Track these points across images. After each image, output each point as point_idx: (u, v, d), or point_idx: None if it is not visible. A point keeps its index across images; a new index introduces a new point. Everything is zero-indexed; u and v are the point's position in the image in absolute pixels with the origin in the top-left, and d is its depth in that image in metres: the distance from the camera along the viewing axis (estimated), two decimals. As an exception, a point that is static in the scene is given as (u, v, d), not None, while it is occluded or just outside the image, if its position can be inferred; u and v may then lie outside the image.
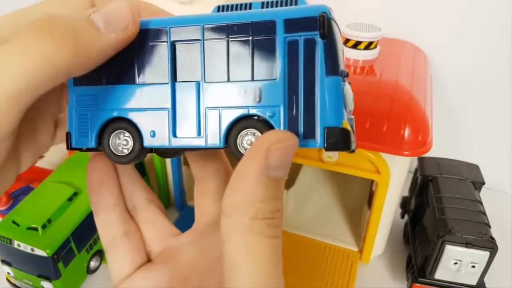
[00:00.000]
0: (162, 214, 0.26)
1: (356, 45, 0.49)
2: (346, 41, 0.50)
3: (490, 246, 0.40)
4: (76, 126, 0.22)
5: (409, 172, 0.51)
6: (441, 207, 0.44)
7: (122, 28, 0.19)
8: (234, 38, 0.19)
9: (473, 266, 0.42)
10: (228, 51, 0.19)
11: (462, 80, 0.60)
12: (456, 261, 0.42)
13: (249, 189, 0.17)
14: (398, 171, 0.45)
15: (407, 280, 0.49)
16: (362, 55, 0.49)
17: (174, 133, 0.20)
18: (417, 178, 0.52)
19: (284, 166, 0.17)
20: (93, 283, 0.50)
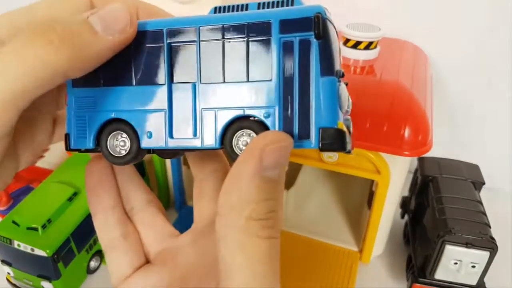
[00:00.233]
0: (161, 215, 0.26)
1: (356, 45, 0.49)
2: (346, 41, 0.50)
3: (490, 246, 0.40)
4: (74, 127, 0.22)
5: (409, 172, 0.51)
6: (441, 207, 0.44)
7: (119, 30, 0.19)
8: (230, 39, 0.19)
9: (473, 266, 0.42)
10: (223, 52, 0.19)
11: (462, 80, 0.60)
12: (456, 261, 0.42)
13: (243, 190, 0.17)
14: (398, 171, 0.45)
15: (407, 280, 0.49)
16: (362, 55, 0.49)
17: (170, 134, 0.20)
18: (417, 178, 0.52)
19: (279, 166, 0.17)
20: (93, 283, 0.50)
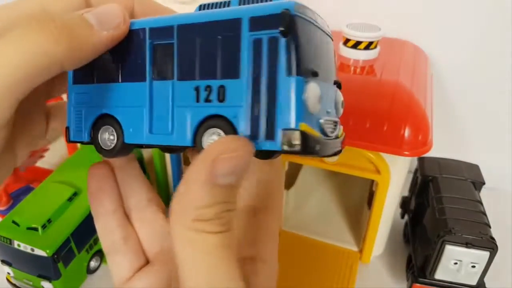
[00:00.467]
0: (162, 214, 0.26)
1: (356, 45, 0.49)
2: (346, 41, 0.50)
3: (490, 246, 0.40)
4: (73, 121, 0.24)
5: (409, 172, 0.51)
6: (441, 207, 0.44)
7: (114, 26, 0.19)
8: (203, 37, 0.19)
9: (473, 266, 0.42)
10: (196, 51, 0.19)
11: (462, 80, 0.60)
12: (456, 261, 0.42)
13: (193, 195, 0.17)
14: (398, 171, 0.45)
15: (407, 280, 0.49)
16: (362, 55, 0.49)
17: (150, 129, 0.21)
18: (417, 178, 0.52)
19: (235, 173, 0.17)
20: (93, 283, 0.50)
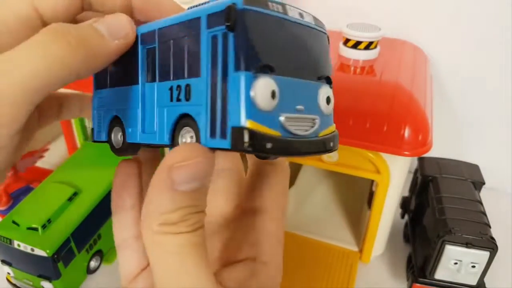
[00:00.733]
0: None
1: (356, 45, 0.49)
2: (346, 41, 0.50)
3: (490, 246, 0.40)
4: (96, 123, 0.26)
5: (409, 172, 0.51)
6: (441, 207, 0.44)
7: (123, 36, 0.20)
8: (174, 38, 0.19)
9: (473, 266, 0.42)
10: (171, 52, 0.20)
11: (462, 80, 0.60)
12: (456, 261, 0.42)
13: (156, 203, 0.17)
14: (398, 171, 0.45)
15: (407, 280, 0.49)
16: (362, 55, 0.49)
17: (143, 129, 0.22)
18: (417, 178, 0.52)
19: (194, 179, 0.17)
20: (93, 283, 0.50)
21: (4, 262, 0.46)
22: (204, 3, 0.19)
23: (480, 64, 0.58)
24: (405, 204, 0.56)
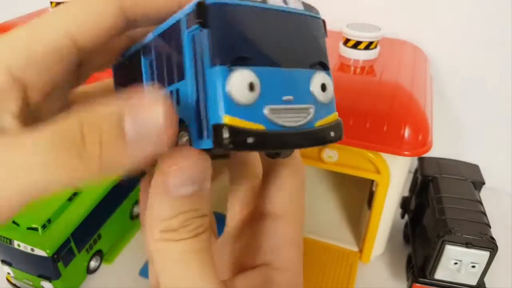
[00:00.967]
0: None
1: (356, 45, 0.49)
2: (346, 41, 0.50)
3: (490, 246, 0.40)
4: None
5: (409, 172, 0.51)
6: (441, 207, 0.44)
7: (151, 149, 0.16)
8: (164, 45, 0.19)
9: (473, 266, 0.42)
10: (163, 59, 0.20)
11: (462, 80, 0.60)
12: (456, 261, 0.42)
13: (156, 209, 0.17)
14: (398, 171, 0.45)
15: (407, 280, 0.49)
16: (362, 55, 0.49)
17: None
18: (417, 178, 0.52)
19: (190, 183, 0.17)
20: (93, 283, 0.50)
21: (4, 262, 0.46)
22: None
23: (480, 64, 0.58)
24: (405, 204, 0.56)
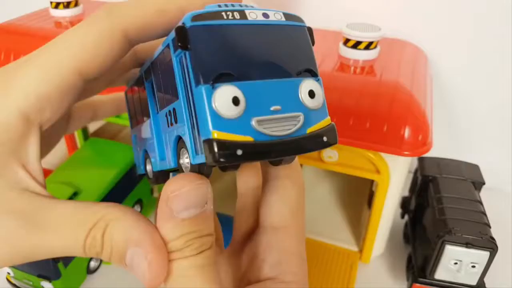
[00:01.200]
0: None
1: (356, 45, 0.49)
2: (346, 41, 0.50)
3: (490, 246, 0.40)
4: (136, 158, 0.29)
5: (409, 172, 0.51)
6: (441, 207, 0.44)
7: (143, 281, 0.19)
8: (160, 68, 0.21)
9: (473, 266, 0.42)
10: (160, 81, 0.21)
11: (463, 80, 0.60)
12: (456, 261, 0.42)
13: (162, 231, 0.18)
14: (398, 171, 0.45)
15: (407, 280, 0.49)
16: (362, 55, 0.49)
17: (160, 157, 0.23)
18: (417, 178, 0.52)
19: (192, 206, 0.18)
20: (93, 283, 0.50)
21: (4, 262, 0.46)
22: None
23: (480, 64, 0.58)
24: (405, 204, 0.56)
